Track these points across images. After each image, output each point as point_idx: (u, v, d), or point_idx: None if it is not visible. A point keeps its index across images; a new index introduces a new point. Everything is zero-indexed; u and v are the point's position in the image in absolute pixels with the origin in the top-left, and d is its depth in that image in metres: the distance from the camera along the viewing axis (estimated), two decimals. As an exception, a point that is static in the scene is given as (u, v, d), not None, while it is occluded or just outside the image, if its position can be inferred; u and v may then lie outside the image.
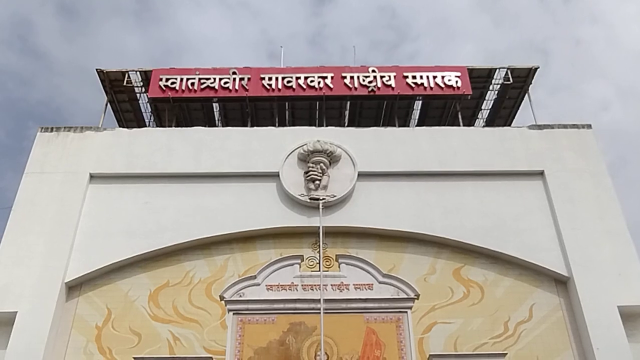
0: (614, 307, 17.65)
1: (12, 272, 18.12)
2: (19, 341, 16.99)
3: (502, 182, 20.20)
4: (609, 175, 20.35)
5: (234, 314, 17.07)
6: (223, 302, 17.42)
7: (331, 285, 17.75)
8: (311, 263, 18.53)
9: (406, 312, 17.20)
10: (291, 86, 22.57)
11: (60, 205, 19.44)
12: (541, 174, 20.29)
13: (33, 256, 18.42)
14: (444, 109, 24.08)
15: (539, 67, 23.10)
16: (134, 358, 16.37)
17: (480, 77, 23.48)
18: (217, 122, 24.64)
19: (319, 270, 17.99)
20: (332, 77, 22.69)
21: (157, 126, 23.92)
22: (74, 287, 18.61)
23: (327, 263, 18.51)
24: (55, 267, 18.32)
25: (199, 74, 22.69)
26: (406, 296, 17.42)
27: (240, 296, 17.35)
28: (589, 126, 21.52)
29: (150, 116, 24.38)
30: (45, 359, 16.96)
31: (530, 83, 23.37)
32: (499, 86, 23.76)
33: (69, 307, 18.33)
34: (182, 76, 22.72)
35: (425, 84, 22.63)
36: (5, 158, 55.54)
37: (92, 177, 20.23)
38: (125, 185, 20.12)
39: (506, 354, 16.66)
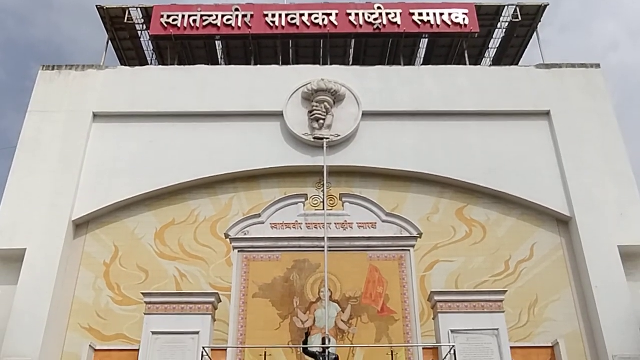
0: (614, 246, 17.85)
1: (20, 211, 18.34)
2: (29, 277, 17.37)
3: (507, 122, 20.06)
4: (615, 116, 20.19)
5: (239, 251, 17.33)
6: (228, 240, 17.66)
7: (335, 223, 17.93)
8: (315, 202, 18.66)
9: (409, 250, 17.42)
10: (295, 23, 22.11)
11: (65, 144, 19.47)
12: (547, 114, 20.12)
13: (40, 195, 18.60)
14: (450, 48, 23.63)
15: (548, 5, 22.51)
16: (142, 294, 16.70)
17: (488, 15, 22.92)
18: (220, 60, 24.30)
19: (323, 209, 18.12)
20: (336, 14, 22.20)
21: (159, 64, 23.64)
22: (81, 225, 18.88)
23: (331, 202, 18.65)
24: (62, 205, 18.53)
25: (200, 11, 22.23)
26: (409, 235, 17.60)
27: (245, 234, 17.56)
28: (598, 66, 21.17)
29: (152, 54, 24.04)
30: (56, 294, 17.40)
31: (540, 21, 22.83)
32: (507, 24, 23.22)
33: (77, 244, 18.65)
34: (184, 13, 22.25)
35: (432, 22, 22.15)
36: (8, 98, 55.27)
37: (96, 115, 20.16)
38: (129, 124, 20.07)
39: (506, 291, 16.91)
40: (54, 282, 17.37)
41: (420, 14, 22.18)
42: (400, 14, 22.15)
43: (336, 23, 22.08)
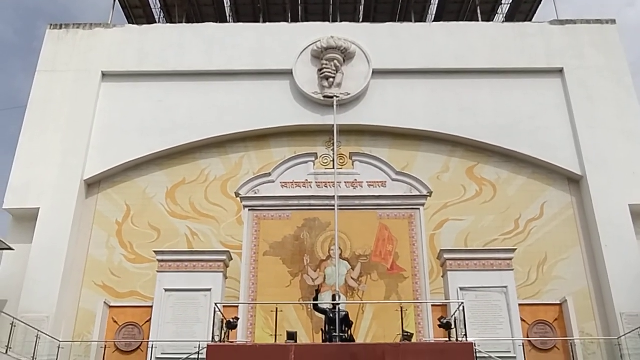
0: (625, 205, 17.81)
1: (32, 170, 18.49)
2: (43, 236, 17.63)
3: (519, 80, 19.80)
4: (630, 75, 19.85)
5: (249, 210, 17.41)
6: (238, 198, 17.73)
7: (345, 182, 17.93)
8: (325, 161, 18.64)
9: (419, 209, 17.42)
10: (304, -21, 21.74)
11: (74, 104, 19.46)
12: (560, 71, 19.82)
13: (51, 154, 18.71)
14: (462, 4, 23.17)
15: (564, -42, 21.96)
16: (155, 252, 16.91)
17: (501, -31, 22.44)
18: (228, 17, 24.00)
19: (333, 168, 18.12)
20: (346, -30, 21.78)
21: (167, 22, 23.37)
22: (92, 185, 19.03)
23: (341, 161, 18.63)
24: (73, 165, 18.65)
25: (208, -33, 21.84)
26: (419, 193, 17.57)
27: (255, 193, 17.61)
28: (613, 22, 20.72)
29: (160, 12, 23.74)
30: (70, 252, 17.68)
31: (554, -25, 22.27)
32: (520, -22, 22.71)
33: (89, 203, 18.84)
34: (192, -31, 21.90)
35: (444, -23, 21.70)
36: (17, 59, 55.04)
37: (104, 75, 20.08)
38: (138, 83, 20.00)
39: (516, 249, 16.97)
40: (67, 241, 17.63)
41: (432, -31, 21.71)
42: (412, -32, 21.68)
43: (346, -22, 21.68)
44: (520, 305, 16.28)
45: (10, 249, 16.47)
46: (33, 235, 17.68)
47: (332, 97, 18.94)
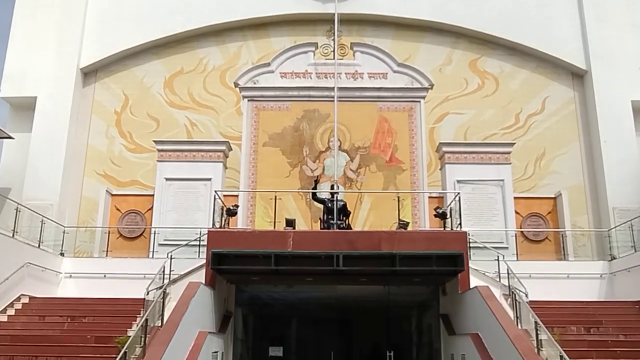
0: (627, 101, 17.68)
1: (27, 59, 18.17)
2: (42, 125, 17.64)
3: (528, -32, 18.99)
4: (644, -37, 19.00)
5: (248, 100, 17.24)
6: (237, 89, 17.50)
7: (345, 73, 17.60)
8: (325, 51, 18.21)
9: (419, 101, 17.25)
10: None
11: (66, -12, 18.77)
12: (572, -41, 18.96)
13: (45, 42, 18.31)
14: None
15: None
16: (154, 141, 16.96)
17: None
18: None
19: (334, 58, 17.73)
20: None
21: None
22: (89, 74, 18.76)
23: (342, 51, 18.19)
24: (69, 53, 18.30)
25: None
26: (420, 86, 17.32)
27: (255, 83, 17.35)
28: None
29: None
30: (70, 141, 17.75)
31: None
32: None
33: (87, 92, 18.66)
34: None
35: None
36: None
37: (97, -42, 19.22)
38: (132, -34, 19.18)
39: (514, 143, 17.04)
40: (67, 130, 17.67)
41: None
42: None
43: None
44: (515, 198, 16.62)
45: (10, 137, 16.48)
46: (32, 124, 17.69)
47: (333, -16, 18.22)
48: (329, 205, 14.13)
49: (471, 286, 11.95)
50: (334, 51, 17.89)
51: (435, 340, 13.46)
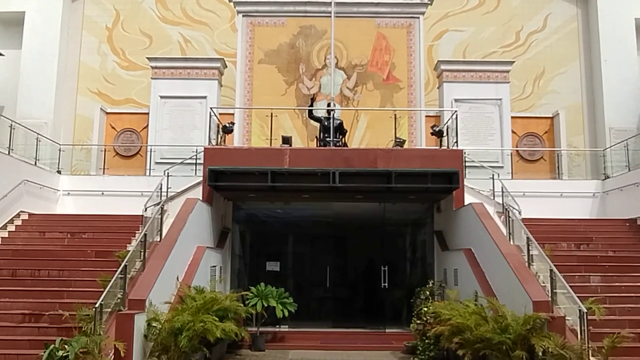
0: (631, 19, 17.29)
1: (12, -30, 17.52)
2: (32, 41, 17.23)
3: None
4: None
5: (243, 16, 16.74)
6: (232, 4, 16.97)
7: (343, -13, 17.05)
8: (322, -37, 17.53)
9: (418, 18, 16.78)
10: None
11: None
12: None
13: (29, -49, 17.58)
14: None
15: None
16: (147, 58, 16.64)
17: None
18: None
19: (331, -28, 17.12)
20: None
21: None
22: (78, -13, 18.19)
23: (339, -37, 17.54)
24: (56, -36, 17.63)
25: None
26: (419, 1, 16.82)
27: (249, -2, 16.84)
28: None
29: None
30: (61, 58, 17.41)
31: None
32: None
33: (76, 7, 18.12)
34: None
35: None
36: None
37: None
38: None
39: (513, 62, 16.80)
40: (57, 45, 17.29)
41: None
42: None
43: None
44: (512, 117, 16.57)
45: (0, 54, 16.12)
46: (22, 41, 17.27)
47: None
48: (326, 123, 14.05)
49: (465, 203, 12.08)
50: (331, -37, 17.24)
51: (429, 255, 13.75)
